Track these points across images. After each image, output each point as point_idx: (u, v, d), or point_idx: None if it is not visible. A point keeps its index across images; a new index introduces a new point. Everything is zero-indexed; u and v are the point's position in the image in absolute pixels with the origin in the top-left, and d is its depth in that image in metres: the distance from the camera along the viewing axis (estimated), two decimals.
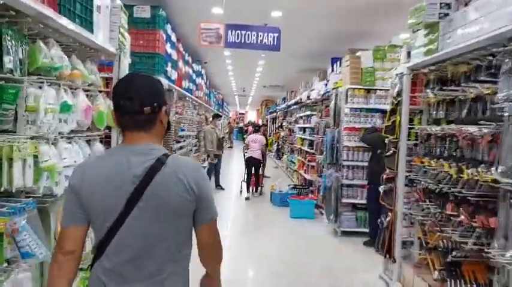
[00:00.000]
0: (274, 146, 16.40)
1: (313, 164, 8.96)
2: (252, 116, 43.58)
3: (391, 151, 4.20)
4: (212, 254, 1.59)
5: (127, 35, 4.17)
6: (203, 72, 12.35)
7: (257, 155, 9.28)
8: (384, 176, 4.37)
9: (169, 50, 6.58)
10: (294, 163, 11.84)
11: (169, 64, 6.61)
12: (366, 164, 6.08)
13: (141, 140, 1.46)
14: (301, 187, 8.73)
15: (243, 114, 44.96)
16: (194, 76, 10.34)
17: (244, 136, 28.10)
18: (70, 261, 1.45)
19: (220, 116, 11.79)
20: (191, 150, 9.62)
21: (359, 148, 6.12)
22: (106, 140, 3.97)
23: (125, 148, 1.47)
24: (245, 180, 9.55)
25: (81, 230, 1.46)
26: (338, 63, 8.60)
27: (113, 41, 3.75)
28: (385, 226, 4.23)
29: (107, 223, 1.41)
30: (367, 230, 5.96)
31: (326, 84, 7.61)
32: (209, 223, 1.51)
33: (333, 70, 9.07)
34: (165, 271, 1.44)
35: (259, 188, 9.60)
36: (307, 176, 9.32)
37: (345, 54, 7.68)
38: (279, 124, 14.51)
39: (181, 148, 8.19)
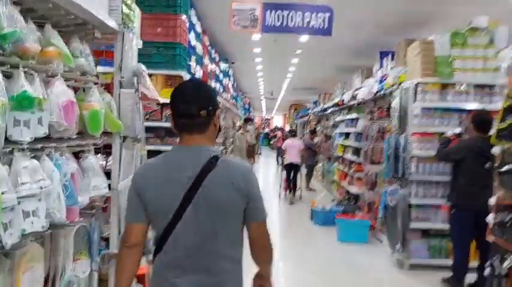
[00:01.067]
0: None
1: (360, 175, 7.66)
2: (278, 121, 42.37)
3: (507, 166, 2.91)
4: (263, 253, 1.65)
5: (137, 9, 3.09)
6: (230, 72, 11.28)
7: (296, 160, 9.35)
8: (493, 201, 3.08)
9: (193, 42, 5.49)
10: (333, 172, 10.53)
11: (194, 58, 5.51)
12: (440, 178, 4.78)
13: (196, 142, 1.55)
14: (347, 202, 7.44)
15: (268, 119, 43.84)
16: (221, 76, 9.27)
17: (271, 142, 27.07)
18: (133, 253, 1.61)
19: (252, 120, 10.70)
20: None
21: (433, 159, 4.82)
22: (106, 151, 2.88)
23: (181, 149, 1.60)
24: (281, 185, 9.72)
25: (142, 226, 1.60)
26: (389, 57, 7.36)
27: (114, 12, 2.66)
28: (501, 273, 2.94)
29: (165, 220, 1.51)
30: (443, 262, 4.65)
31: (381, 81, 6.34)
32: (259, 221, 1.58)
33: (381, 66, 7.84)
34: (219, 264, 1.53)
35: (297, 192, 9.47)
36: (353, 189, 8.01)
37: (400, 45, 6.41)
38: (312, 129, 13.20)
39: None
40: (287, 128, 24.44)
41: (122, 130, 2.66)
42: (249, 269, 1.69)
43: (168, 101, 4.77)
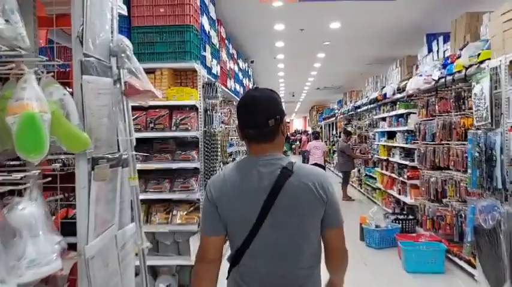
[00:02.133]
0: (336, 156, 13.73)
1: (415, 182, 6.34)
2: (297, 124, 40.92)
3: None
4: (339, 260, 1.59)
5: None
6: (250, 72, 10.12)
7: (321, 161, 9.30)
8: None
9: (206, 27, 4.34)
10: (374, 178, 9.20)
11: (208, 49, 4.36)
12: None
13: (266, 151, 1.52)
14: (404, 217, 6.12)
15: (288, 123, 42.58)
16: (241, 75, 8.11)
17: (293, 146, 25.79)
18: (211, 269, 1.52)
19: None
20: None
21: None
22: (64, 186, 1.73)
23: (253, 159, 1.53)
24: None
25: (220, 239, 1.53)
26: (440, 38, 6.12)
27: None
28: None
29: (243, 232, 1.46)
30: None
31: (445, 65, 5.02)
32: (336, 228, 1.53)
33: (430, 50, 6.57)
34: (298, 273, 1.48)
35: None
36: (406, 199, 6.69)
37: (460, 21, 5.14)
38: (346, 130, 11.81)
39: None
40: (309, 131, 23.12)
41: (88, 148, 1.50)
42: None
43: (178, 102, 3.61)
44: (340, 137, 12.78)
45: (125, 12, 1.95)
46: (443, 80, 4.99)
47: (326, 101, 22.04)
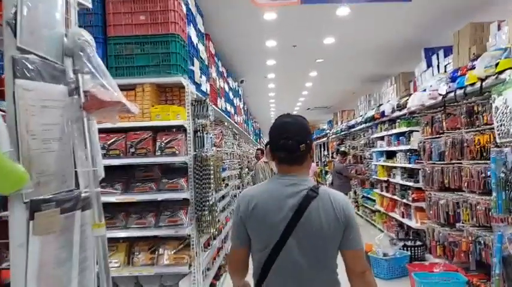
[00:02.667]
0: (329, 177, 13.30)
1: (421, 204, 5.91)
2: None
3: None
4: (357, 283, 1.58)
5: None
6: (240, 92, 9.73)
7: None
8: None
9: (194, 39, 3.91)
10: (372, 200, 8.76)
11: (197, 63, 3.92)
12: None
13: (294, 173, 1.62)
14: (412, 243, 5.64)
15: None
16: (231, 95, 7.69)
17: None
18: (240, 271, 1.71)
19: None
20: (235, 196, 6.83)
21: None
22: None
23: (281, 180, 1.63)
24: None
25: (246, 251, 1.66)
26: (441, 53, 5.84)
27: None
28: None
29: (268, 248, 1.54)
30: None
31: (453, 78, 4.66)
32: (355, 249, 1.57)
33: (430, 65, 6.27)
34: None
35: None
36: (411, 223, 6.23)
37: (462, 33, 4.84)
38: (334, 151, 11.44)
39: (223, 197, 5.36)
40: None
41: (25, 186, 1.00)
42: None
43: (163, 123, 3.02)
44: (333, 157, 12.41)
45: (89, 4, 1.50)
46: (452, 94, 4.62)
47: (316, 121, 21.77)
